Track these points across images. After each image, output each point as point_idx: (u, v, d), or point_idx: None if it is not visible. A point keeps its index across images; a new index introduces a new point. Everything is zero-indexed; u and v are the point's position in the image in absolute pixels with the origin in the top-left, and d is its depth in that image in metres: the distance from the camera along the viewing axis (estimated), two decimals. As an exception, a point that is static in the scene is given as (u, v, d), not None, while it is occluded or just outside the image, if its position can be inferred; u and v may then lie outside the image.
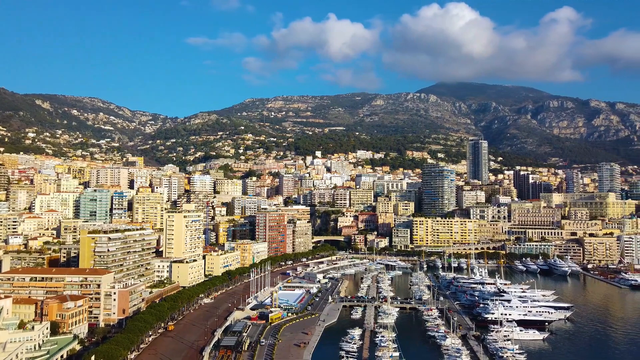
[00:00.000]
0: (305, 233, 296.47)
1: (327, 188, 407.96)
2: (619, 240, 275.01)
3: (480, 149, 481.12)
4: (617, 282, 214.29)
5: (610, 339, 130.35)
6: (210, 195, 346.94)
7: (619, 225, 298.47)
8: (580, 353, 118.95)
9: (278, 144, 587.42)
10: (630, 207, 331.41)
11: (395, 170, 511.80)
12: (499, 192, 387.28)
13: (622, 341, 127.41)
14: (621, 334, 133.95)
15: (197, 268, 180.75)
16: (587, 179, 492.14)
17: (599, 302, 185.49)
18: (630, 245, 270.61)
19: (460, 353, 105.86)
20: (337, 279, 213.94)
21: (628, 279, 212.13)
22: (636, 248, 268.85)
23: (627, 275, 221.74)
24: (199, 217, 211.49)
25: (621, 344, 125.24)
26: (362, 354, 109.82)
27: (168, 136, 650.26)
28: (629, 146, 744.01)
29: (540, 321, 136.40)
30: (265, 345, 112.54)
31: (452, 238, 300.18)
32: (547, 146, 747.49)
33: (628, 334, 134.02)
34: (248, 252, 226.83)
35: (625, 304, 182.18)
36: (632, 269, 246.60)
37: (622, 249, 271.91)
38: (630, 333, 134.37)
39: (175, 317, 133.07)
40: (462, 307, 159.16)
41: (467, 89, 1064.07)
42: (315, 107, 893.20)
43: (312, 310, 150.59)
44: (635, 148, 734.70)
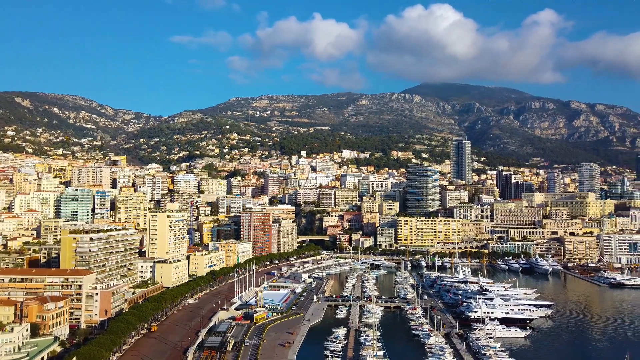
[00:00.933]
0: (291, 233, 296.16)
1: (313, 188, 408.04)
2: (599, 240, 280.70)
3: (464, 149, 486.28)
4: (597, 280, 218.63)
5: (590, 336, 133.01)
6: (194, 195, 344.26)
7: (599, 224, 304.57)
8: (561, 350, 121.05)
9: (263, 143, 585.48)
10: (610, 206, 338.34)
11: (380, 170, 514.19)
12: (482, 192, 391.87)
13: (601, 338, 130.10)
14: (600, 331, 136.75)
15: (180, 268, 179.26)
16: (567, 179, 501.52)
17: (579, 300, 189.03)
18: (609, 244, 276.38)
19: (444, 351, 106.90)
20: (322, 278, 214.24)
21: (607, 278, 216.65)
22: (615, 247, 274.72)
23: (606, 273, 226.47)
24: (182, 216, 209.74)
25: (600, 341, 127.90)
26: (346, 353, 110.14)
27: (151, 135, 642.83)
28: (608, 147, 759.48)
29: (522, 319, 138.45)
30: (249, 345, 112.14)
31: (436, 237, 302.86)
32: (529, 146, 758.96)
33: (607, 331, 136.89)
34: (233, 252, 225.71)
35: (604, 301, 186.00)
36: (611, 267, 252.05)
37: (602, 248, 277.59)
38: (608, 330, 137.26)
39: (158, 318, 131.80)
40: (445, 306, 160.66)
41: (451, 89, 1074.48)
42: (301, 106, 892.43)
43: (297, 310, 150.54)
44: (614, 149, 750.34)
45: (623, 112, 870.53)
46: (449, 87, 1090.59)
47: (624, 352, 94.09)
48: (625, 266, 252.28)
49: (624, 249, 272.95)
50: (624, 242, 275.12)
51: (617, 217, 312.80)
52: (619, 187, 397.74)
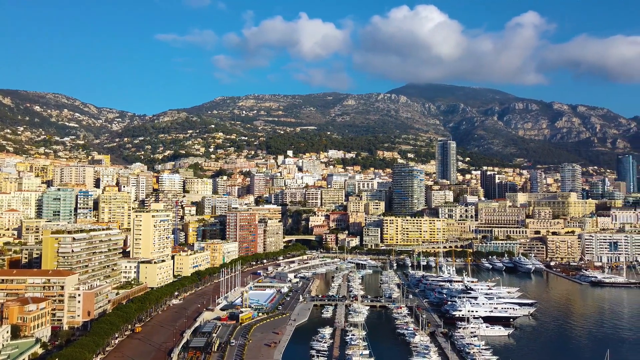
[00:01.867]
0: (277, 232, 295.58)
1: (299, 187, 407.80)
2: (580, 239, 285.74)
3: (449, 149, 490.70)
4: (578, 279, 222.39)
5: (572, 334, 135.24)
6: (179, 195, 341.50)
7: (580, 224, 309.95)
8: (543, 348, 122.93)
9: (249, 142, 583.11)
10: (591, 206, 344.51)
11: (366, 169, 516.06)
12: (467, 192, 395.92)
13: (583, 336, 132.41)
14: (581, 329, 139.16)
15: (165, 268, 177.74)
16: (550, 179, 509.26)
17: (561, 298, 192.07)
18: (591, 243, 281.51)
19: (429, 350, 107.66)
20: (308, 278, 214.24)
21: (588, 276, 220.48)
22: (596, 246, 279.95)
23: (587, 272, 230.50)
24: (167, 216, 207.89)
25: (581, 338, 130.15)
26: (332, 353, 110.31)
27: (136, 134, 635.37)
28: (589, 147, 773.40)
29: (506, 317, 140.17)
30: (235, 345, 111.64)
31: (421, 237, 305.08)
32: (512, 147, 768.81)
33: (587, 328, 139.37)
34: (218, 252, 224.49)
35: (586, 300, 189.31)
36: (592, 266, 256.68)
37: (583, 247, 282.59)
38: (589, 328, 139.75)
39: (142, 319, 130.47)
40: (430, 305, 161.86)
41: (436, 90, 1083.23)
42: (287, 106, 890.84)
43: (283, 309, 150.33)
44: (595, 149, 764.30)
45: (604, 113, 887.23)
46: (434, 88, 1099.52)
47: (604, 349, 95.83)
48: (606, 265, 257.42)
49: (605, 248, 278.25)
50: (604, 241, 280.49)
51: (598, 217, 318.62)
52: (599, 187, 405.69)
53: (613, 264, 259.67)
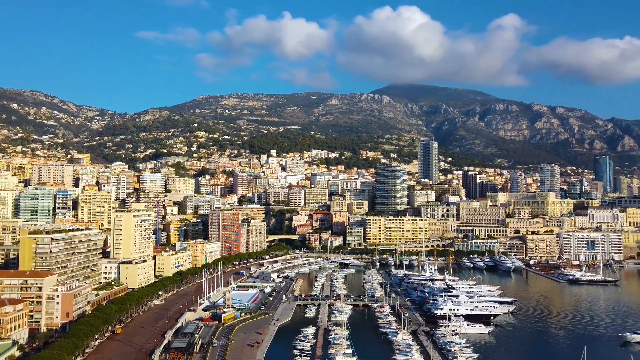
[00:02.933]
0: (260, 232, 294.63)
1: (282, 187, 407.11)
2: (558, 238, 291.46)
3: (431, 149, 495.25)
4: (556, 277, 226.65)
5: (550, 331, 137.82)
6: (161, 194, 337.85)
7: (559, 223, 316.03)
8: (523, 345, 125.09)
9: (232, 142, 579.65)
10: (569, 206, 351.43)
11: (349, 169, 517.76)
12: (449, 192, 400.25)
13: (561, 333, 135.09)
14: (559, 327, 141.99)
15: (146, 269, 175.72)
16: (529, 179, 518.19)
17: (540, 296, 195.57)
18: (569, 242, 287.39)
19: (411, 348, 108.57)
20: (291, 278, 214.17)
21: (566, 274, 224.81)
22: (574, 245, 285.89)
23: (565, 270, 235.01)
24: (149, 216, 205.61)
25: (559, 335, 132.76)
26: (315, 352, 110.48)
27: (116, 132, 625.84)
28: (567, 148, 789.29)
29: (486, 315, 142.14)
30: (217, 346, 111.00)
31: (404, 236, 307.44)
32: (493, 147, 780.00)
33: (566, 326, 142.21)
34: (200, 252, 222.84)
35: (564, 298, 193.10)
36: (570, 264, 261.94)
37: (561, 246, 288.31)
38: (567, 325, 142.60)
39: (123, 320, 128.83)
40: (412, 304, 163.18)
41: (419, 90, 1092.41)
42: (271, 105, 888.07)
43: (266, 309, 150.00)
44: (573, 150, 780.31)
45: (582, 114, 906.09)
46: (417, 89, 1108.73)
47: (581, 346, 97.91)
48: (583, 263, 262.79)
49: (582, 247, 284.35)
50: (582, 240, 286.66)
51: (576, 216, 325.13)
52: (577, 187, 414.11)
53: (590, 263, 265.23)
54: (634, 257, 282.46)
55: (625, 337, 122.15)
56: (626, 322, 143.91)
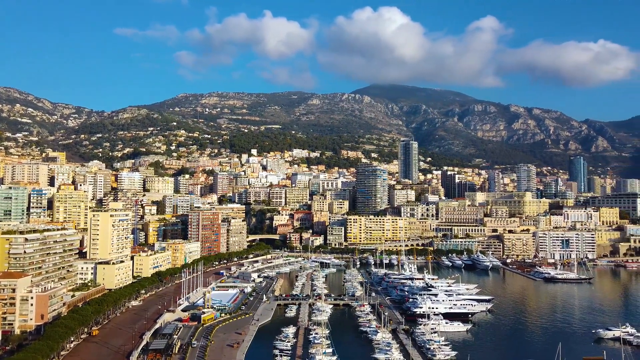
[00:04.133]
0: (240, 232, 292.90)
1: (263, 186, 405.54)
2: (534, 237, 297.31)
3: (411, 149, 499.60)
4: (532, 275, 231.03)
5: (526, 328, 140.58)
6: (139, 194, 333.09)
7: (535, 222, 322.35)
8: (500, 342, 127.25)
9: (212, 141, 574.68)
10: (545, 205, 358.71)
11: (330, 169, 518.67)
12: (428, 191, 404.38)
13: (536, 330, 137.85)
14: (535, 324, 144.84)
15: (124, 269, 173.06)
16: (507, 179, 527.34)
17: (517, 294, 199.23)
18: (544, 241, 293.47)
19: (391, 347, 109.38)
20: (272, 277, 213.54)
21: (542, 272, 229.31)
22: (549, 244, 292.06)
23: (541, 268, 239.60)
24: (127, 216, 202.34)
25: (535, 332, 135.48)
26: (295, 352, 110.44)
27: (93, 131, 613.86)
28: (543, 149, 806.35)
29: (464, 313, 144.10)
30: (197, 347, 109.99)
31: (384, 235, 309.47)
32: (471, 148, 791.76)
33: (541, 323, 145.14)
34: (180, 252, 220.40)
35: (539, 295, 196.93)
36: (546, 262, 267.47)
37: (537, 245, 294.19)
38: (543, 322, 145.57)
39: (100, 322, 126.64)
40: (392, 302, 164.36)
41: (399, 91, 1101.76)
42: (251, 104, 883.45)
43: (246, 309, 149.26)
44: (549, 151, 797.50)
45: (557, 116, 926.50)
46: (397, 89, 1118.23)
47: (556, 342, 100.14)
48: (559, 261, 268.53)
49: (558, 246, 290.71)
50: (557, 239, 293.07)
51: (551, 216, 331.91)
52: (553, 187, 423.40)
53: (565, 261, 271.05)
54: (606, 256, 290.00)
55: (599, 333, 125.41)
56: (599, 319, 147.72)
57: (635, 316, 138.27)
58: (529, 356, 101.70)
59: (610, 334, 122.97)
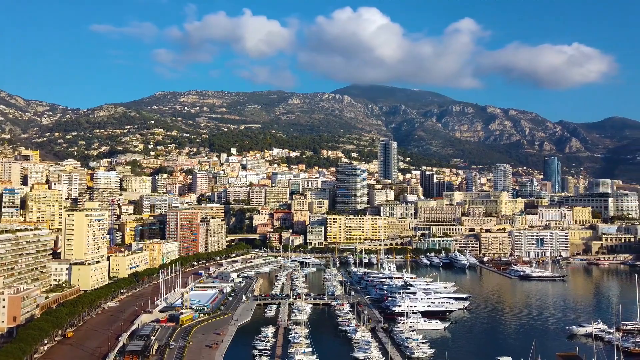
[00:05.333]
0: (219, 232, 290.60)
1: (243, 186, 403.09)
2: (510, 235, 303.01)
3: (391, 149, 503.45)
4: (508, 273, 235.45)
5: (502, 325, 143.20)
6: (116, 193, 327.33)
7: (510, 221, 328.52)
8: (477, 339, 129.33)
9: (191, 139, 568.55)
10: (520, 204, 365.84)
11: (310, 168, 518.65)
12: (407, 191, 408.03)
13: (512, 327, 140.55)
14: (511, 321, 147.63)
15: (100, 270, 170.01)
16: (484, 178, 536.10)
17: (493, 292, 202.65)
18: (520, 239, 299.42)
19: (370, 345, 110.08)
20: (251, 277, 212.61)
21: (517, 270, 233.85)
22: (524, 242, 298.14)
23: (516, 267, 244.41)
24: (103, 215, 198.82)
25: (511, 329, 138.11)
26: (275, 352, 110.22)
27: (68, 129, 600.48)
28: (519, 149, 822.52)
29: (442, 311, 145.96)
30: (174, 348, 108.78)
31: (363, 235, 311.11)
32: (449, 148, 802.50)
33: (516, 320, 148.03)
34: (157, 252, 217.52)
35: (515, 293, 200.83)
36: (521, 261, 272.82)
37: (513, 243, 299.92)
38: (518, 320, 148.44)
39: (75, 323, 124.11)
40: (372, 301, 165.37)
41: (379, 91, 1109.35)
42: (231, 103, 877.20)
43: (225, 310, 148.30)
44: (524, 151, 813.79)
45: (533, 117, 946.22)
46: (377, 89, 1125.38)
47: (531, 339, 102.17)
48: (533, 260, 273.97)
49: (532, 244, 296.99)
50: (532, 237, 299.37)
51: (527, 215, 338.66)
52: (528, 187, 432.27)
53: (539, 259, 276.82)
54: (579, 254, 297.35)
55: (572, 330, 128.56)
56: (572, 315, 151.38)
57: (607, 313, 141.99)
58: (505, 353, 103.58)
59: (583, 331, 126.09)
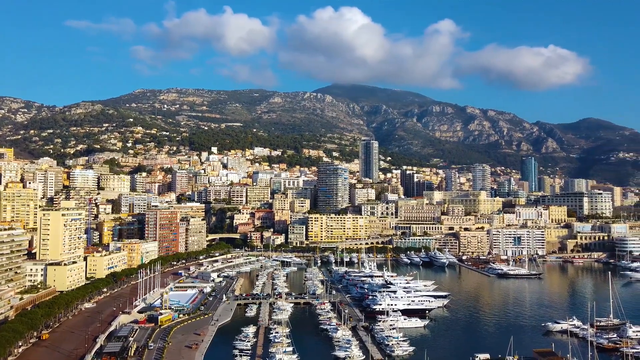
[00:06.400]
0: (200, 231, 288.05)
1: (223, 185, 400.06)
2: (489, 234, 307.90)
3: (372, 149, 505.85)
4: (487, 271, 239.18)
5: (480, 322, 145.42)
6: (93, 192, 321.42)
7: (489, 220, 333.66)
8: (456, 337, 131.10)
9: (171, 138, 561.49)
10: (498, 204, 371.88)
11: (292, 167, 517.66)
12: (388, 190, 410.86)
13: (490, 324, 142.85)
14: (489, 318, 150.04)
15: (77, 271, 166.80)
16: (463, 178, 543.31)
17: (471, 290, 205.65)
18: (498, 238, 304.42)
19: (350, 344, 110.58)
20: (232, 277, 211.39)
21: (495, 269, 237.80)
22: (502, 241, 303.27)
23: (494, 265, 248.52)
24: (79, 215, 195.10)
25: (489, 326, 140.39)
26: (256, 352, 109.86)
27: (44, 126, 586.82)
28: (497, 149, 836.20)
29: (422, 310, 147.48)
30: (153, 349, 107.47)
31: (345, 234, 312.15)
32: (429, 148, 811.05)
33: (494, 317, 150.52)
34: (136, 252, 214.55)
35: (493, 291, 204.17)
36: (499, 259, 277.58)
37: (491, 242, 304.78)
38: (496, 317, 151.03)
39: (50, 325, 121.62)
40: (353, 300, 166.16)
41: (360, 91, 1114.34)
42: (212, 101, 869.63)
43: (206, 310, 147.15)
44: (502, 151, 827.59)
45: (510, 118, 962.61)
46: (358, 89, 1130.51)
47: (508, 336, 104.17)
48: (511, 258, 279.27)
49: (510, 243, 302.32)
50: (509, 236, 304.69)
51: (504, 214, 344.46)
52: (506, 187, 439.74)
53: (517, 257, 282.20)
54: (555, 252, 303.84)
55: (548, 326, 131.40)
56: (548, 312, 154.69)
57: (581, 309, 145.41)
58: (483, 350, 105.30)
59: (559, 327, 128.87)
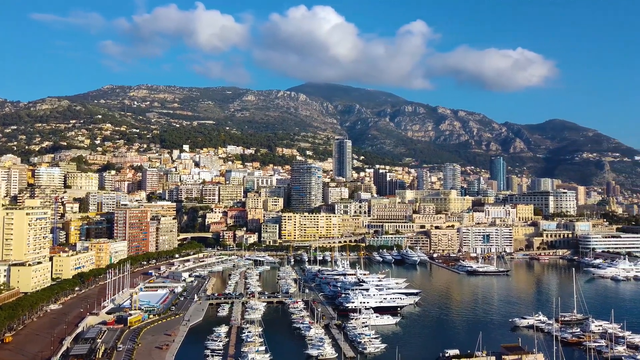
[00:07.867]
0: (171, 230, 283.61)
1: (195, 183, 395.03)
2: (459, 232, 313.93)
3: (345, 148, 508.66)
4: (457, 268, 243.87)
5: (450, 319, 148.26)
6: (59, 190, 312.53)
7: (459, 218, 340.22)
8: (427, 333, 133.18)
9: (141, 135, 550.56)
10: (468, 202, 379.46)
11: (265, 166, 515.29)
12: (361, 189, 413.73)
13: (460, 320, 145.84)
14: (458, 314, 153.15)
15: (42, 271, 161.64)
16: (434, 177, 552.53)
17: (442, 287, 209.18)
18: (467, 236, 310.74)
19: (323, 342, 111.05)
20: (204, 277, 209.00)
21: (465, 266, 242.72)
22: (472, 239, 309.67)
23: (464, 262, 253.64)
24: (45, 214, 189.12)
25: (459, 323, 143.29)
26: (228, 351, 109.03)
27: (7, 122, 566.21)
28: (467, 149, 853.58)
29: (394, 307, 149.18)
30: (122, 350, 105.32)
31: (318, 232, 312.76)
32: (402, 147, 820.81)
33: (464, 313, 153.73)
34: (105, 252, 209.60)
35: (462, 287, 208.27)
36: (468, 257, 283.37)
37: (461, 240, 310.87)
38: (465, 313, 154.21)
39: (14, 327, 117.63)
40: (326, 298, 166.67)
41: (334, 90, 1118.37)
42: (184, 98, 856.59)
43: (177, 310, 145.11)
44: (472, 151, 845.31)
45: (480, 118, 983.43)
46: (332, 88, 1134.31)
47: (477, 332, 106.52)
48: (480, 255, 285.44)
49: (479, 240, 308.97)
50: (479, 234, 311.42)
51: (474, 212, 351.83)
52: (475, 186, 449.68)
53: (486, 255, 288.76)
54: (522, 249, 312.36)
55: (515, 322, 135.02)
56: (515, 308, 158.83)
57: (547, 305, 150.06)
58: (453, 346, 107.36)
59: (525, 322, 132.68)
